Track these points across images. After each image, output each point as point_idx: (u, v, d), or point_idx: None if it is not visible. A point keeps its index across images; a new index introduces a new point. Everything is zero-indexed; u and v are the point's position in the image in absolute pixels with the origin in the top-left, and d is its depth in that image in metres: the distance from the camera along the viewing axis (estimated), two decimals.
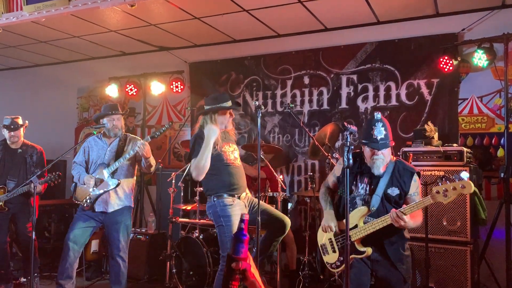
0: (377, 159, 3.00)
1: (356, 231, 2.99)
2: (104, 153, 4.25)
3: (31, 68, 7.95)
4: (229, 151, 3.73)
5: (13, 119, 4.84)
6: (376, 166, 3.02)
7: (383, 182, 3.03)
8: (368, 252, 2.96)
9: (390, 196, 3.02)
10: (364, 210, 3.02)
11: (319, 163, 5.68)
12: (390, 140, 3.03)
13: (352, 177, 3.11)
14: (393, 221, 2.83)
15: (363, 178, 3.10)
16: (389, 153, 3.06)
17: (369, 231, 2.95)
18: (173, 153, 6.82)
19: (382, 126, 2.98)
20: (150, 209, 6.46)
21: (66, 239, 4.11)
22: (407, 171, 3.06)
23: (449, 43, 4.93)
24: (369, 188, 3.06)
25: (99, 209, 4.14)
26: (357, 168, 3.13)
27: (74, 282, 4.18)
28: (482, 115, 4.97)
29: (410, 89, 5.25)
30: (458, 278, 3.96)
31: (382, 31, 5.39)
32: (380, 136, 2.96)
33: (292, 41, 5.91)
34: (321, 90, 5.77)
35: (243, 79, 6.26)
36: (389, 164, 3.07)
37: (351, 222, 2.96)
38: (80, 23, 5.47)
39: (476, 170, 4.30)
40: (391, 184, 3.02)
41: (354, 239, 2.99)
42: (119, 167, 4.15)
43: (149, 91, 6.64)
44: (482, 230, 4.47)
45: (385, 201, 3.02)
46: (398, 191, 3.01)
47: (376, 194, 3.02)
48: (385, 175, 3.03)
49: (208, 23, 5.52)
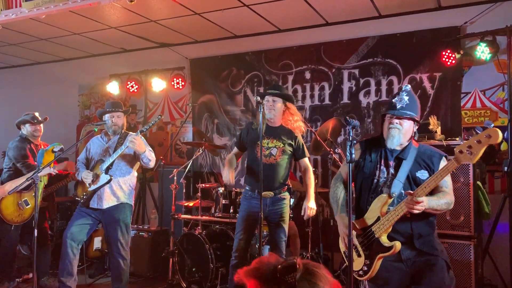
0: (392, 128, 2.69)
1: (379, 225, 2.63)
2: (103, 150, 4.27)
3: (32, 66, 7.94)
4: None
5: (33, 114, 4.89)
6: (391, 136, 2.69)
7: (407, 164, 2.67)
8: (396, 247, 2.55)
9: (420, 179, 2.63)
10: (384, 198, 2.65)
11: (322, 158, 5.65)
12: (414, 114, 2.69)
13: (376, 159, 2.78)
14: (408, 208, 2.48)
15: (386, 160, 2.75)
16: (410, 127, 2.71)
17: (393, 221, 2.57)
18: (175, 150, 6.80)
19: (407, 95, 2.69)
20: (152, 206, 6.46)
21: (64, 236, 4.12)
22: (434, 152, 2.73)
23: (451, 37, 4.90)
24: (393, 172, 2.71)
25: (93, 205, 4.15)
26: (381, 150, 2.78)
27: (76, 279, 4.18)
28: (485, 108, 4.94)
29: (413, 83, 5.22)
30: (461, 272, 3.94)
31: (383, 25, 5.35)
32: (400, 104, 2.67)
33: (293, 36, 5.88)
34: (322, 85, 5.74)
35: (244, 74, 6.23)
36: (410, 148, 2.73)
37: (373, 216, 2.67)
38: (80, 20, 5.45)
39: (479, 164, 4.27)
40: (418, 167, 2.67)
41: (379, 234, 2.62)
42: (115, 164, 4.15)
43: (150, 88, 6.63)
44: (485, 224, 4.45)
45: (414, 186, 2.62)
46: (428, 174, 2.64)
47: (397, 179, 2.66)
48: (409, 158, 2.68)
49: (208, 18, 5.49)
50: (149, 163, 4.13)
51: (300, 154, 3.96)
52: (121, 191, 4.21)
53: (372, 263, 2.66)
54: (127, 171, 4.26)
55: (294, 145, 3.90)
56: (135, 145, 3.91)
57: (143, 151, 3.99)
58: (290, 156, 3.92)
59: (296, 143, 3.91)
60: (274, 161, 3.82)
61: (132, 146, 3.93)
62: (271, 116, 3.85)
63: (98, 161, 4.22)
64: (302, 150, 3.96)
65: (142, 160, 4.10)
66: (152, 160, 4.14)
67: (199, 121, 6.56)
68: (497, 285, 4.51)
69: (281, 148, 3.81)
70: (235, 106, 6.26)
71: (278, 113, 3.85)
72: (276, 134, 3.85)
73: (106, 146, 4.28)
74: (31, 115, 4.88)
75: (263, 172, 3.72)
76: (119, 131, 4.31)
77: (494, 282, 4.54)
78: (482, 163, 4.46)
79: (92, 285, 5.06)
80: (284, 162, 3.84)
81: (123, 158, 4.23)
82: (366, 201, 2.77)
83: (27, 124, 4.85)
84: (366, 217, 2.73)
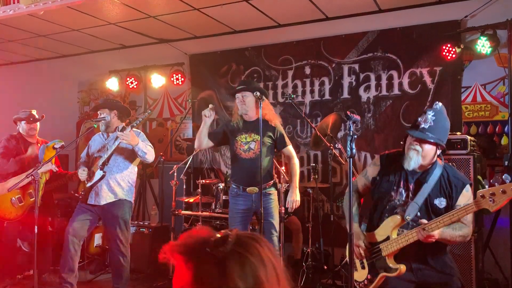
0: (411, 149, 2.56)
1: (387, 244, 2.60)
2: (102, 147, 4.27)
3: (31, 63, 7.91)
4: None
5: (30, 112, 4.86)
6: (408, 157, 2.58)
7: (427, 189, 2.56)
8: (401, 270, 2.52)
9: (437, 208, 2.55)
10: (397, 219, 2.58)
11: (322, 153, 5.65)
12: (440, 138, 2.54)
13: (395, 179, 2.69)
14: (419, 237, 2.44)
15: (407, 183, 2.65)
16: (432, 150, 2.56)
17: (402, 245, 2.53)
18: (174, 146, 6.79)
19: (434, 116, 2.52)
20: (153, 202, 6.46)
21: (66, 232, 4.13)
22: (457, 180, 2.59)
23: (451, 31, 4.88)
24: (409, 194, 2.61)
25: (91, 201, 4.16)
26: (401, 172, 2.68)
27: (77, 275, 4.19)
28: (485, 103, 4.92)
29: (413, 77, 5.20)
30: (462, 266, 3.94)
31: (383, 19, 5.33)
32: (425, 125, 2.52)
33: (293, 31, 5.85)
34: (322, 80, 5.72)
35: (244, 70, 6.21)
36: (434, 170, 2.59)
37: (383, 234, 2.62)
38: (79, 16, 5.43)
39: (480, 159, 4.26)
40: (438, 194, 2.56)
41: (386, 254, 2.60)
42: (112, 159, 4.14)
43: (149, 84, 6.61)
44: (486, 218, 4.45)
45: (431, 213, 2.55)
46: (446, 203, 2.55)
47: (415, 202, 2.56)
48: (430, 181, 2.57)
49: (207, 14, 5.47)
50: (145, 156, 4.07)
51: (281, 143, 3.95)
52: (119, 187, 4.20)
53: (374, 279, 2.65)
54: (125, 167, 4.24)
55: (274, 136, 3.90)
56: (126, 139, 3.89)
57: (135, 143, 3.96)
58: (270, 148, 3.90)
59: (275, 133, 3.90)
60: (254, 155, 3.82)
61: (123, 141, 3.92)
62: (243, 112, 3.88)
63: (96, 157, 4.23)
64: (282, 139, 3.94)
65: (137, 153, 4.07)
66: (148, 153, 4.08)
67: (199, 117, 6.51)
68: (497, 279, 4.52)
69: (259, 141, 3.79)
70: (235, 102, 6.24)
71: (251, 107, 3.85)
72: (253, 127, 3.84)
73: (105, 143, 4.28)
74: (28, 113, 4.83)
75: (245, 168, 3.75)
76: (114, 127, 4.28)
77: (494, 276, 4.54)
78: (483, 158, 4.45)
79: (93, 281, 5.07)
80: (264, 155, 3.81)
81: (121, 154, 4.21)
82: (379, 218, 2.72)
83: (23, 122, 4.83)
84: (376, 232, 2.70)
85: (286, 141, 3.97)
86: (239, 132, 3.92)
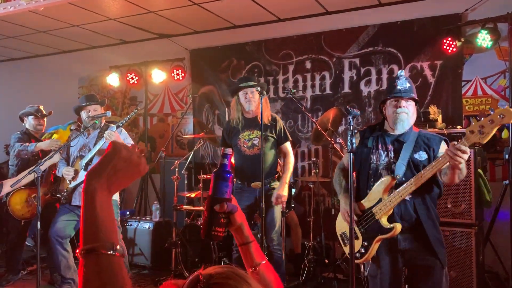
0: (401, 112, 2.68)
1: (380, 206, 2.65)
2: (83, 145, 4.20)
3: (31, 59, 7.91)
4: None
5: (38, 107, 4.85)
6: (400, 120, 2.69)
7: (408, 147, 2.67)
8: (396, 229, 2.56)
9: (418, 161, 2.65)
10: (387, 180, 2.65)
11: (323, 148, 5.66)
12: (416, 95, 2.74)
13: (373, 144, 2.79)
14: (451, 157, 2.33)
15: (385, 145, 2.76)
16: (415, 111, 2.75)
17: (396, 202, 2.59)
18: (176, 141, 6.81)
19: (406, 80, 2.71)
20: (154, 197, 6.47)
21: (49, 235, 4.12)
22: (434, 136, 2.74)
23: (452, 24, 4.86)
24: (393, 155, 2.71)
25: (75, 202, 4.13)
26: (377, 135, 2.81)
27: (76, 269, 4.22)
28: (486, 96, 4.92)
29: (413, 71, 5.20)
30: (463, 260, 3.96)
31: (384, 13, 5.32)
32: (403, 86, 2.68)
33: (293, 25, 5.84)
34: (323, 75, 5.72)
35: (245, 65, 6.21)
36: (411, 132, 2.73)
37: (374, 198, 2.68)
38: (79, 11, 5.42)
39: (480, 152, 4.27)
40: (417, 149, 2.67)
41: (379, 216, 2.64)
42: (94, 159, 4.07)
43: (150, 79, 6.61)
44: (486, 212, 4.45)
45: (413, 168, 2.64)
46: (426, 155, 2.65)
47: (400, 161, 2.65)
48: (409, 142, 2.69)
49: (207, 8, 5.45)
50: None
51: (282, 139, 3.96)
52: None
53: (370, 245, 2.69)
54: None
55: (276, 131, 3.91)
56: (111, 140, 3.83)
57: None
58: (273, 143, 3.92)
59: (277, 128, 3.92)
60: (258, 151, 3.84)
61: (107, 141, 3.87)
62: (252, 108, 3.90)
63: (78, 156, 4.17)
64: (283, 135, 3.96)
65: None
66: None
67: (199, 112, 6.55)
68: (498, 272, 4.53)
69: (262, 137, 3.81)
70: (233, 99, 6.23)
71: (258, 104, 3.85)
72: (255, 124, 3.86)
73: (86, 142, 4.21)
74: (36, 108, 4.84)
75: (250, 164, 3.76)
76: (98, 125, 4.22)
77: (495, 269, 4.56)
78: (483, 151, 4.46)
79: None
80: (268, 150, 3.82)
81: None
82: (366, 186, 2.78)
83: (30, 117, 4.82)
84: (366, 199, 2.75)
85: (287, 137, 3.99)
86: (240, 130, 3.94)
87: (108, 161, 1.00)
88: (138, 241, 5.30)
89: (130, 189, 6.85)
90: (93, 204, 0.94)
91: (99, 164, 1.01)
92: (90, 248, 0.90)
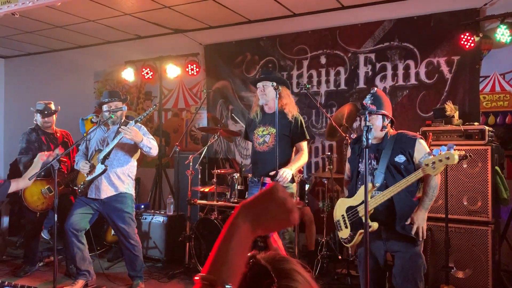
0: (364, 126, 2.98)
1: (362, 206, 2.98)
2: (101, 140, 4.26)
3: (48, 54, 8.02)
4: None
5: (47, 104, 4.90)
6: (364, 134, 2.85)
7: (386, 154, 3.07)
8: (374, 227, 3.00)
9: (398, 163, 3.04)
10: (369, 187, 2.96)
11: (337, 144, 5.63)
12: (382, 109, 3.08)
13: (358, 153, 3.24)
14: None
15: (368, 154, 3.08)
16: (379, 121, 3.10)
17: (374, 205, 3.01)
18: (190, 136, 6.84)
19: (372, 96, 2.96)
20: (169, 191, 6.52)
21: (65, 227, 4.18)
22: (408, 138, 3.09)
23: (470, 19, 4.78)
24: (372, 162, 3.14)
25: (91, 195, 4.19)
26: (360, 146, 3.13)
27: (91, 261, 4.35)
28: (504, 92, 4.84)
29: (430, 67, 5.13)
30: (479, 258, 3.92)
31: (400, 8, 5.25)
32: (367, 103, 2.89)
33: (308, 20, 5.81)
34: (338, 70, 5.68)
35: (259, 60, 6.20)
36: (389, 136, 3.13)
37: (359, 199, 3.12)
38: (95, 6, 5.47)
39: (498, 149, 4.21)
40: (396, 153, 3.06)
41: (362, 214, 3.04)
42: (112, 153, 4.14)
43: (165, 74, 6.64)
44: (503, 209, 4.40)
45: (394, 170, 3.05)
46: (405, 157, 3.04)
47: (379, 170, 3.06)
48: (387, 147, 3.08)
49: (222, 3, 5.45)
50: (150, 151, 4.09)
51: (297, 137, 3.89)
52: (119, 181, 4.23)
53: (354, 235, 3.19)
54: (125, 161, 4.27)
55: (291, 129, 3.86)
56: (130, 135, 3.90)
57: (139, 140, 3.98)
58: (286, 140, 3.86)
59: (291, 126, 3.85)
60: (267, 148, 3.85)
61: (127, 137, 3.93)
62: (263, 102, 3.90)
63: (96, 151, 4.22)
64: (299, 133, 3.88)
65: (142, 149, 4.10)
66: (153, 148, 4.10)
67: (213, 107, 6.57)
68: None
69: (274, 134, 3.78)
70: (249, 92, 6.24)
71: (271, 98, 3.82)
72: (271, 120, 3.83)
73: (105, 136, 4.27)
74: (43, 106, 4.87)
75: (261, 161, 3.77)
76: (118, 120, 4.28)
77: (511, 268, 4.50)
78: (501, 148, 4.39)
79: (110, 269, 5.16)
80: (279, 148, 3.78)
81: (122, 148, 4.23)
82: (354, 188, 3.26)
83: (38, 114, 4.89)
84: (353, 199, 3.22)
85: (301, 136, 3.90)
86: (257, 125, 3.96)
87: (261, 199, 0.99)
88: (153, 234, 5.35)
89: (144, 183, 6.91)
90: (232, 237, 0.93)
91: (252, 200, 0.99)
92: (211, 283, 0.88)
